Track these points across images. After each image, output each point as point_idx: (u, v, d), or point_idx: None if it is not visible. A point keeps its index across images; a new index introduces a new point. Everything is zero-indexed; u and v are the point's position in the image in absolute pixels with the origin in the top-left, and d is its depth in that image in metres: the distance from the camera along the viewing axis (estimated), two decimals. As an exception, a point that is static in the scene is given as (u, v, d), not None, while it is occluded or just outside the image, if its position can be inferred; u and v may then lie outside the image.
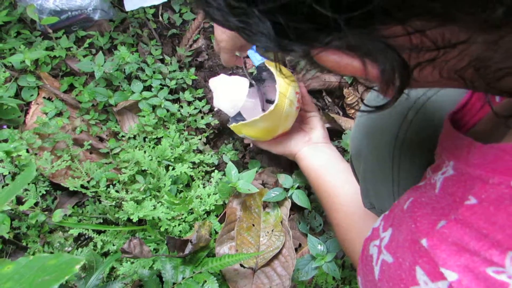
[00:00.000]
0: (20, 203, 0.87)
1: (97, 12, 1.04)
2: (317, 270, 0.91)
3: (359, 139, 0.66)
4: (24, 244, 0.90)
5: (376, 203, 0.67)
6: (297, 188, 0.99)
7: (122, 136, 1.04)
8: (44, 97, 1.01)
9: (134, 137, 1.04)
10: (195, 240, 0.83)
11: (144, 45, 1.13)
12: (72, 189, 0.91)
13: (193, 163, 1.04)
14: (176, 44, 1.16)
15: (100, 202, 0.93)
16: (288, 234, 0.95)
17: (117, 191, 0.92)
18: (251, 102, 0.99)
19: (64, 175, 0.95)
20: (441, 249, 0.30)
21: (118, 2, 1.13)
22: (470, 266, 0.28)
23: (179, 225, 0.94)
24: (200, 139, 1.07)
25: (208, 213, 1.00)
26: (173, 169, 0.98)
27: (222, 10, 0.27)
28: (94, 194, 0.93)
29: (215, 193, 0.99)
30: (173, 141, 1.02)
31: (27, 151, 0.91)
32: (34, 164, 0.72)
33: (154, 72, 1.08)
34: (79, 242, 0.95)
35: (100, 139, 1.04)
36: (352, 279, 1.00)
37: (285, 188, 0.99)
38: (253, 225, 0.96)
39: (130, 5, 1.03)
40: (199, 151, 1.08)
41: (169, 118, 1.07)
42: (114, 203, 0.93)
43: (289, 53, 0.30)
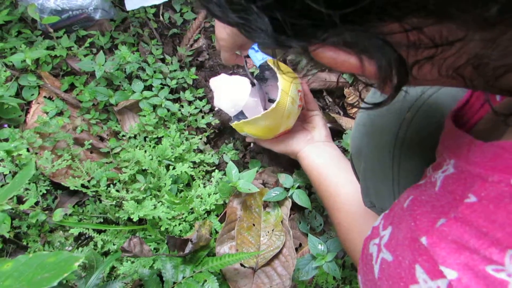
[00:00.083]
0: (21, 202, 0.87)
1: (98, 12, 1.04)
2: (318, 270, 0.91)
3: (360, 138, 0.66)
4: (25, 244, 0.90)
5: (377, 202, 0.66)
6: (298, 188, 0.99)
7: (123, 136, 1.04)
8: (45, 97, 1.01)
9: (135, 137, 1.04)
10: (196, 240, 0.83)
11: (145, 45, 1.13)
12: (73, 189, 0.91)
13: (194, 163, 1.04)
14: (177, 44, 1.16)
15: (101, 202, 0.94)
16: (289, 234, 0.95)
17: (118, 191, 0.92)
18: (254, 101, 0.99)
19: (65, 175, 0.95)
20: (441, 247, 0.30)
21: (119, 2, 1.13)
22: (470, 264, 0.28)
23: (180, 225, 0.94)
24: (201, 139, 1.07)
25: (209, 213, 1.00)
26: (174, 169, 0.98)
27: (222, 6, 0.27)
28: (95, 194, 0.93)
29: (216, 193, 0.99)
30: (174, 141, 1.02)
31: (28, 150, 0.91)
32: (33, 162, 0.72)
33: (155, 72, 1.08)
34: (80, 242, 0.95)
35: (101, 139, 1.04)
36: (353, 279, 1.00)
37: (286, 188, 0.99)
38: (254, 225, 0.96)
39: (131, 5, 1.03)
40: (200, 151, 1.08)
41: (170, 118, 1.07)
42: (115, 203, 0.93)
43: (287, 50, 0.30)
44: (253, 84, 0.99)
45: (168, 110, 1.05)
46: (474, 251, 0.28)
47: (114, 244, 0.92)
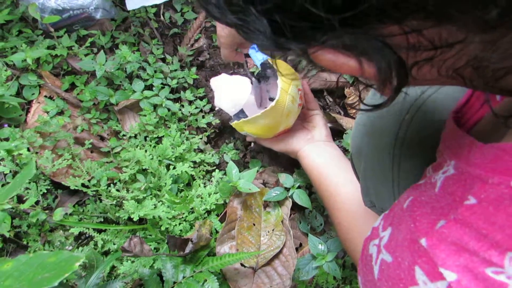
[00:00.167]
0: (21, 202, 0.87)
1: (99, 11, 1.04)
2: (318, 270, 0.91)
3: (360, 138, 0.66)
4: (25, 243, 0.90)
5: (377, 202, 0.66)
6: (298, 188, 0.98)
7: (123, 135, 1.04)
8: (46, 96, 1.01)
9: (135, 136, 1.04)
10: (196, 239, 0.83)
11: (146, 44, 1.13)
12: (73, 188, 0.91)
13: (194, 162, 1.04)
14: (178, 44, 1.16)
15: (101, 201, 0.94)
16: (289, 234, 0.95)
17: (118, 190, 0.92)
18: (254, 99, 0.99)
19: (65, 174, 0.95)
20: (440, 249, 0.30)
21: (120, 1, 1.13)
22: (469, 266, 0.28)
23: (180, 224, 0.94)
24: (201, 139, 1.07)
25: (209, 212, 1.00)
26: (174, 168, 0.98)
27: (221, 8, 0.27)
28: (95, 193, 0.93)
29: (216, 193, 0.99)
30: (174, 140, 1.02)
31: (28, 150, 0.91)
32: (34, 162, 0.72)
33: (156, 71, 1.08)
34: (80, 241, 0.95)
35: (101, 138, 1.04)
36: (353, 279, 1.00)
37: (286, 188, 0.99)
38: (254, 225, 0.96)
39: (132, 4, 1.03)
40: (200, 151, 1.08)
41: (170, 117, 1.07)
42: (115, 202, 0.93)
43: (286, 52, 0.30)
44: (258, 82, 0.99)
45: (169, 110, 1.05)
46: (474, 253, 0.28)
47: (115, 244, 0.92)
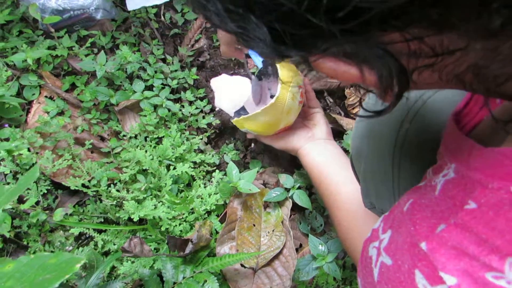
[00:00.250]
0: (21, 202, 0.87)
1: (99, 12, 1.04)
2: (318, 271, 0.91)
3: (360, 139, 0.66)
4: (25, 243, 0.90)
5: (377, 203, 0.66)
6: (298, 188, 0.99)
7: (124, 136, 1.04)
8: (46, 96, 1.01)
9: (135, 137, 1.04)
10: (196, 240, 0.83)
11: (146, 45, 1.13)
12: (73, 188, 0.91)
13: (194, 163, 1.04)
14: (178, 44, 1.16)
15: (101, 201, 0.94)
16: (289, 234, 0.95)
17: (118, 191, 0.93)
18: (252, 97, 0.99)
19: (65, 174, 0.95)
20: (440, 253, 0.30)
21: (120, 2, 1.13)
22: (469, 271, 0.28)
23: (180, 225, 0.94)
24: (201, 139, 1.07)
25: (209, 213, 1.00)
26: (174, 169, 0.98)
27: (220, 15, 0.27)
28: (95, 193, 0.93)
29: (216, 193, 0.99)
30: (174, 141, 1.02)
31: (29, 150, 0.91)
32: (38, 165, 0.73)
33: (156, 72, 1.08)
34: (80, 241, 0.95)
35: (102, 139, 1.04)
36: (353, 280, 1.00)
37: (286, 188, 0.99)
38: (254, 225, 0.96)
39: (132, 5, 1.03)
40: (200, 151, 1.08)
41: (171, 118, 1.07)
42: (115, 203, 0.93)
43: (287, 59, 0.29)
44: (259, 78, 0.99)
45: (169, 110, 1.05)
46: (474, 258, 0.28)
47: (115, 244, 0.92)
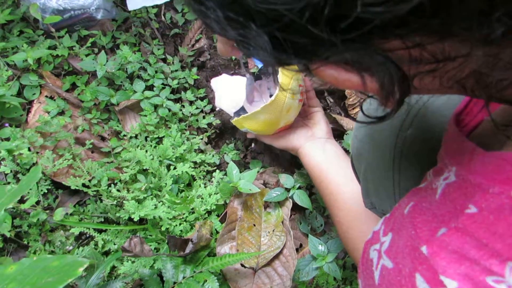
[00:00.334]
0: (22, 202, 0.87)
1: (100, 12, 1.04)
2: (318, 271, 0.91)
3: (360, 139, 0.66)
4: (25, 243, 0.90)
5: (377, 203, 0.66)
6: (298, 188, 0.99)
7: (124, 135, 1.04)
8: (46, 96, 1.01)
9: (136, 136, 1.04)
10: (196, 240, 0.83)
11: (147, 45, 1.13)
12: (74, 188, 0.91)
13: (195, 163, 1.04)
14: (179, 44, 1.16)
15: (101, 201, 0.94)
16: (289, 234, 0.95)
17: (119, 190, 0.93)
18: (255, 96, 0.99)
19: (66, 174, 0.95)
20: (441, 257, 0.30)
21: (121, 2, 1.13)
22: (470, 275, 0.28)
23: (180, 225, 0.94)
24: (202, 139, 1.07)
25: (209, 213, 1.00)
26: (175, 169, 0.98)
27: (220, 23, 0.27)
28: (96, 193, 0.93)
29: (216, 193, 0.99)
30: (175, 141, 1.02)
31: (29, 150, 0.91)
32: (40, 166, 0.73)
33: (156, 72, 1.08)
34: (80, 241, 0.95)
35: (102, 138, 1.04)
36: (353, 280, 1.00)
37: (286, 188, 0.99)
38: (254, 225, 0.96)
39: (133, 5, 1.03)
40: (201, 151, 1.08)
41: (171, 118, 1.07)
42: (115, 202, 0.93)
43: (287, 67, 0.29)
44: (259, 78, 0.99)
45: (169, 110, 1.05)
46: (475, 262, 0.28)
47: (115, 244, 0.92)
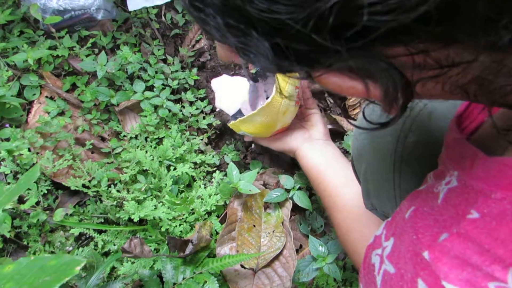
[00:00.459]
0: (22, 202, 0.87)
1: (100, 12, 1.04)
2: (318, 272, 0.91)
3: (361, 140, 0.66)
4: (25, 243, 0.90)
5: (378, 205, 0.66)
6: (299, 189, 0.99)
7: (124, 136, 1.04)
8: (47, 96, 1.01)
9: (136, 137, 1.04)
10: (196, 241, 0.83)
11: (147, 45, 1.13)
12: (74, 189, 0.91)
13: (195, 164, 1.04)
14: (179, 44, 1.16)
15: (101, 202, 0.94)
16: (289, 235, 0.95)
17: (118, 191, 0.93)
18: (252, 99, 0.99)
19: (66, 175, 0.95)
20: (443, 263, 0.30)
21: (121, 2, 1.13)
22: (472, 281, 0.28)
23: (180, 225, 0.94)
24: (202, 140, 1.07)
25: (209, 214, 1.00)
26: (175, 169, 0.98)
27: (220, 30, 0.26)
28: (95, 194, 0.93)
29: (216, 194, 0.99)
30: (175, 141, 1.02)
31: (29, 150, 0.91)
32: (38, 165, 0.73)
33: (157, 72, 1.08)
34: (80, 242, 0.95)
35: (102, 139, 1.04)
36: (354, 281, 1.00)
37: (286, 189, 0.99)
38: (254, 226, 0.96)
39: (133, 5, 1.03)
40: (201, 152, 1.08)
41: (171, 118, 1.07)
42: (115, 203, 0.93)
43: (289, 74, 0.29)
44: (255, 80, 0.98)
45: (169, 111, 1.05)
46: (477, 268, 0.28)
47: (115, 245, 0.92)
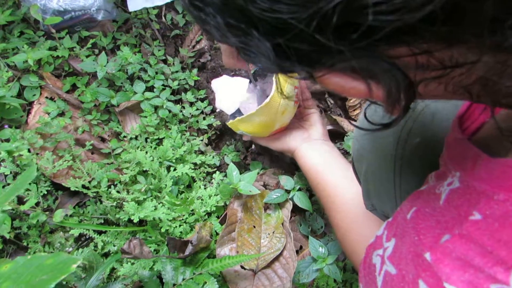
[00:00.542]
0: (21, 203, 0.87)
1: (101, 13, 1.04)
2: (318, 273, 0.91)
3: (361, 141, 0.65)
4: (25, 244, 0.90)
5: (378, 205, 0.66)
6: (299, 190, 0.98)
7: (124, 137, 1.04)
8: (47, 97, 1.01)
9: (136, 138, 1.04)
10: (196, 241, 0.83)
11: (147, 46, 1.13)
12: (73, 189, 0.91)
13: (195, 164, 1.04)
14: (179, 45, 1.16)
15: (101, 203, 0.93)
16: (289, 236, 0.95)
17: (118, 192, 0.92)
18: (251, 99, 0.98)
19: (66, 175, 0.95)
20: (445, 264, 0.30)
21: (122, 3, 1.13)
22: (474, 283, 0.28)
23: (180, 226, 0.94)
24: (202, 140, 1.07)
25: (209, 214, 1.00)
26: (175, 170, 0.98)
27: (221, 29, 0.26)
28: (95, 195, 0.93)
29: (216, 194, 0.99)
30: (175, 142, 1.02)
31: (29, 151, 0.91)
32: (35, 164, 0.72)
33: (157, 73, 1.08)
34: (80, 243, 0.95)
35: (102, 140, 1.04)
36: (354, 282, 0.99)
37: (287, 190, 0.99)
38: (254, 227, 0.96)
39: (134, 6, 1.03)
40: (201, 152, 1.08)
41: (171, 119, 1.07)
42: (115, 204, 0.93)
43: (290, 74, 0.29)
44: (255, 80, 0.98)
45: (170, 111, 1.05)
46: (479, 269, 0.28)
47: (115, 245, 0.92)
